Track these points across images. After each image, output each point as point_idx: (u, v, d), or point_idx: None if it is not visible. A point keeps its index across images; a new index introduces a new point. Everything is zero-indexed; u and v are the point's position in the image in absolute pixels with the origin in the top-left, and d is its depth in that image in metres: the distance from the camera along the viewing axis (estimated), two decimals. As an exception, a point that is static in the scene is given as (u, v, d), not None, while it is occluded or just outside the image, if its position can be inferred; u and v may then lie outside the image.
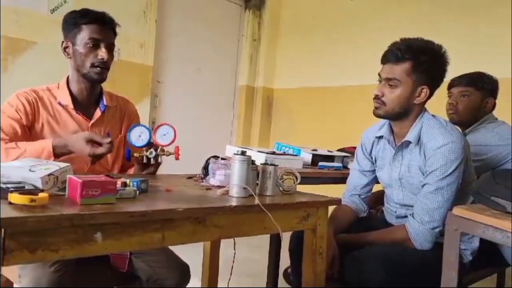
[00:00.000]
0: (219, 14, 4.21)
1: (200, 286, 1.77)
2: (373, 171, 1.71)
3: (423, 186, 1.48)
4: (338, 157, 2.20)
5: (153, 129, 1.44)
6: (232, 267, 1.40)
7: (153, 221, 0.96)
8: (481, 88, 2.00)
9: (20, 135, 1.43)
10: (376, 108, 1.52)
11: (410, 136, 1.51)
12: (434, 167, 1.44)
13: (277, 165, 1.30)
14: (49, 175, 0.99)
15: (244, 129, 4.42)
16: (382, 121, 1.64)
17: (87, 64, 1.50)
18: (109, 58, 1.52)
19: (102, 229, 0.89)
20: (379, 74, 1.52)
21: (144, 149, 1.45)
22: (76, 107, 1.54)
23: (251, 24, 4.39)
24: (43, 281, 1.21)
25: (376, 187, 1.79)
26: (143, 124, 1.45)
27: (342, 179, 1.87)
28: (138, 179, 1.13)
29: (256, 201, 1.12)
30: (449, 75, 1.55)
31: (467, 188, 1.47)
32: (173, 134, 1.44)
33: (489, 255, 1.67)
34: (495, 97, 2.05)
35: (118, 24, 1.57)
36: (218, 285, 1.76)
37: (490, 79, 2.03)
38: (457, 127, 1.65)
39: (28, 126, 1.46)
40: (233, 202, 1.14)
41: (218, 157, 1.48)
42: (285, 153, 2.12)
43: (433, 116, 1.53)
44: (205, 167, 1.46)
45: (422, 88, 1.48)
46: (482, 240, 1.48)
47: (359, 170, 1.73)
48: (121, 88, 2.29)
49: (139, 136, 1.41)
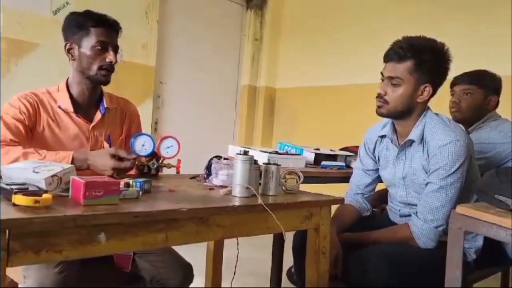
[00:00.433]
0: (221, 14, 4.21)
1: (204, 286, 1.77)
2: (376, 170, 1.71)
3: (427, 185, 1.48)
4: (341, 156, 2.20)
5: (158, 140, 1.43)
6: (236, 267, 1.40)
7: (157, 221, 0.97)
8: (484, 86, 1.99)
9: (25, 137, 1.43)
10: (379, 107, 1.52)
11: (413, 135, 1.50)
12: (438, 166, 1.43)
13: (280, 165, 1.30)
14: (53, 176, 1.00)
15: (247, 129, 4.42)
16: (385, 120, 1.64)
17: (95, 67, 1.50)
18: (115, 61, 1.53)
19: (106, 230, 0.89)
20: (382, 73, 1.52)
21: (146, 159, 1.44)
22: (77, 110, 1.54)
23: (253, 24, 4.39)
24: (48, 282, 1.22)
25: (379, 186, 1.78)
26: (148, 134, 1.43)
27: (345, 178, 1.86)
28: (141, 180, 1.13)
29: (259, 201, 1.12)
30: (449, 75, 1.55)
31: (471, 187, 1.46)
32: (177, 148, 1.43)
33: (493, 254, 1.67)
34: (498, 95, 2.04)
35: (121, 27, 1.58)
36: (222, 285, 1.76)
37: (493, 77, 2.02)
38: (460, 125, 1.64)
39: (30, 128, 1.46)
40: (236, 202, 1.14)
41: (221, 157, 1.48)
42: (288, 153, 2.12)
43: (436, 115, 1.53)
44: (208, 167, 1.46)
45: (425, 87, 1.47)
46: (486, 239, 1.48)
47: (362, 169, 1.73)
48: (124, 89, 2.30)
49: (143, 146, 1.40)
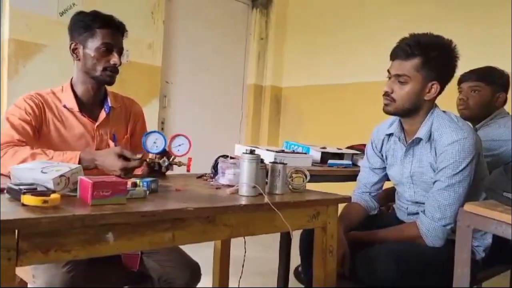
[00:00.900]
0: (226, 14, 4.21)
1: (211, 286, 1.77)
2: (384, 169, 1.70)
3: (435, 183, 1.47)
4: (348, 155, 2.19)
5: (169, 138, 1.44)
6: (243, 266, 1.41)
7: (163, 221, 0.97)
8: (492, 83, 1.98)
9: (32, 137, 1.44)
10: (386, 105, 1.51)
11: (421, 133, 1.49)
12: (446, 164, 1.42)
13: (286, 164, 1.29)
14: (61, 176, 1.00)
15: (253, 128, 4.42)
16: (392, 118, 1.63)
17: (99, 68, 1.51)
18: (120, 63, 1.54)
19: (113, 229, 0.90)
20: (389, 71, 1.50)
21: (157, 157, 1.45)
22: (81, 109, 1.55)
23: (259, 23, 4.39)
24: (56, 281, 1.23)
25: (387, 184, 1.78)
26: (160, 131, 1.44)
27: (352, 177, 1.86)
28: (148, 180, 1.14)
29: (266, 200, 1.12)
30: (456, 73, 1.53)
31: (480, 184, 1.45)
32: (188, 146, 1.44)
33: (503, 252, 1.65)
34: (506, 92, 2.02)
35: (126, 29, 1.58)
36: (229, 285, 1.76)
37: (501, 74, 2.00)
38: (468, 123, 1.63)
39: (37, 128, 1.47)
40: (243, 201, 1.14)
41: (227, 156, 1.48)
42: (294, 152, 2.12)
43: (444, 112, 1.51)
44: (214, 167, 1.47)
45: (432, 84, 1.46)
46: (496, 237, 1.47)
47: (370, 168, 1.72)
48: (130, 89, 2.30)
49: (154, 143, 1.41)
